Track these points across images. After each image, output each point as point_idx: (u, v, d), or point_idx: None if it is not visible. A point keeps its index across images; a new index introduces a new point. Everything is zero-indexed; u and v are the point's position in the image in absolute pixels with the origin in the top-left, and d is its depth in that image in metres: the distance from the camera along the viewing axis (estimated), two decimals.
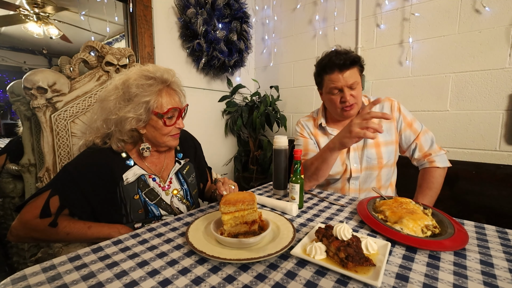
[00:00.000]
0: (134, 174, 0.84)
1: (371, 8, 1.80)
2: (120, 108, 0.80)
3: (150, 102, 0.80)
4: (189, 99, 0.98)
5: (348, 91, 1.03)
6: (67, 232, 0.73)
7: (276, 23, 2.36)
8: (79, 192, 0.77)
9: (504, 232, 0.67)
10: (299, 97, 2.28)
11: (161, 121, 0.83)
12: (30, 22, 2.85)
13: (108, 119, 0.81)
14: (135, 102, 0.79)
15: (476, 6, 1.43)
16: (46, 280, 0.47)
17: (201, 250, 0.54)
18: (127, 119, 0.80)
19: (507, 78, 1.38)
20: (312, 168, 1.01)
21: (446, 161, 1.08)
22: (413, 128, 1.10)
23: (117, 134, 0.83)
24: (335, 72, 1.02)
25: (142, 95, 0.79)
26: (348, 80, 1.01)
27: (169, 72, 0.86)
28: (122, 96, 0.80)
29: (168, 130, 0.86)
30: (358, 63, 1.03)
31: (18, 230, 0.72)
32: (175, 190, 0.91)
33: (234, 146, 2.51)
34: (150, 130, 0.85)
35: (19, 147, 1.10)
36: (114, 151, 0.85)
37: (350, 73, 1.01)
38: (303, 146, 1.16)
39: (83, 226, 0.75)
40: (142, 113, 0.80)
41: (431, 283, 0.46)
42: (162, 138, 0.86)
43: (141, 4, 1.69)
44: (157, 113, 0.82)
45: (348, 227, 0.55)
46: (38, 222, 0.71)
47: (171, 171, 0.94)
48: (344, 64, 1.00)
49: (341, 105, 1.06)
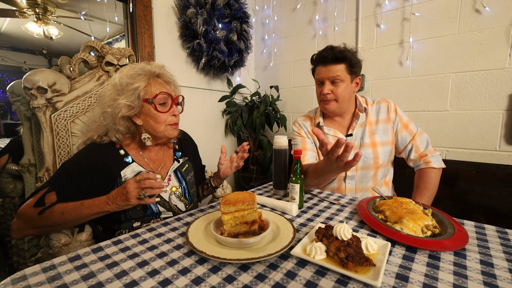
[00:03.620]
0: (132, 170, 0.85)
1: (371, 8, 1.80)
2: (114, 99, 0.83)
3: (139, 88, 0.83)
4: (189, 99, 0.98)
5: (328, 84, 1.07)
6: (61, 211, 0.73)
7: (276, 23, 2.36)
8: (76, 188, 0.78)
9: (504, 232, 0.67)
10: (299, 97, 2.28)
11: (152, 107, 0.85)
12: (30, 22, 2.85)
13: (105, 112, 0.85)
14: (126, 91, 0.83)
15: (476, 6, 1.43)
16: (46, 280, 0.47)
17: (201, 250, 0.54)
18: (119, 106, 0.82)
19: (507, 78, 1.38)
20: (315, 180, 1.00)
21: (441, 162, 1.10)
22: (409, 129, 1.11)
23: (113, 126, 0.85)
24: (320, 65, 1.08)
25: (131, 83, 0.83)
26: (329, 73, 1.05)
27: (158, 66, 0.89)
28: (116, 90, 0.84)
29: (163, 118, 0.87)
30: (343, 61, 1.04)
31: (16, 224, 0.75)
32: (174, 187, 0.93)
33: (234, 146, 2.51)
34: (145, 119, 0.87)
35: (20, 147, 1.10)
36: (112, 148, 0.86)
37: (333, 68, 1.05)
38: (301, 145, 1.16)
39: (75, 203, 0.76)
40: (133, 100, 0.83)
41: (431, 283, 0.46)
42: (159, 127, 0.87)
43: (141, 4, 1.69)
44: (147, 99, 0.84)
45: (348, 227, 0.55)
46: (32, 210, 0.73)
47: (170, 168, 0.95)
48: (327, 58, 1.04)
49: (321, 97, 1.10)
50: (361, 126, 1.13)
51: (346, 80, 1.06)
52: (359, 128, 1.13)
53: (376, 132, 1.11)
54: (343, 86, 1.06)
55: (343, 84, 1.06)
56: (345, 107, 1.12)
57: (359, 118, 1.12)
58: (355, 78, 1.09)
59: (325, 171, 0.89)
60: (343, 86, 1.06)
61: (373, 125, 1.12)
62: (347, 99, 1.09)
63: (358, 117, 1.12)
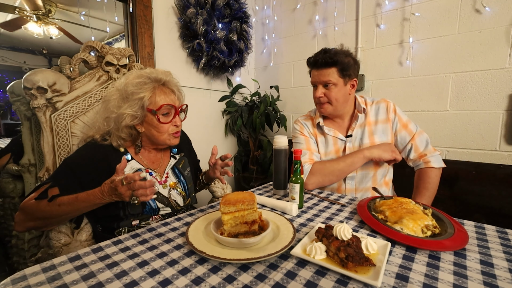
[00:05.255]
0: (131, 168, 0.87)
1: (371, 8, 1.80)
2: (119, 107, 0.84)
3: (144, 98, 0.84)
4: (189, 99, 0.99)
5: (321, 88, 1.09)
6: (58, 204, 0.74)
7: (276, 23, 2.36)
8: (78, 184, 0.80)
9: (504, 232, 0.67)
10: (299, 97, 2.28)
11: (155, 118, 0.86)
12: (30, 22, 2.85)
13: (108, 118, 0.86)
14: (131, 100, 0.84)
15: (476, 6, 1.43)
16: (46, 280, 0.47)
17: (201, 250, 0.54)
18: (123, 116, 0.83)
19: (507, 78, 1.38)
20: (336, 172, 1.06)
21: (441, 161, 1.09)
22: (409, 129, 1.11)
23: (116, 132, 0.86)
24: (313, 69, 1.10)
25: (137, 92, 0.83)
26: (321, 78, 1.07)
27: (164, 73, 0.90)
28: (121, 96, 0.85)
29: (164, 128, 0.88)
30: (334, 65, 1.04)
31: (18, 216, 0.76)
32: (172, 183, 0.95)
33: (234, 146, 2.51)
34: (147, 128, 0.89)
35: (20, 146, 1.11)
36: (112, 147, 0.88)
37: (325, 72, 1.06)
38: (305, 145, 1.16)
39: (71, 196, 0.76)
40: (137, 110, 0.84)
41: (431, 283, 0.46)
42: (161, 137, 0.89)
43: (141, 4, 1.69)
44: (150, 109, 0.85)
45: (348, 227, 0.55)
46: (33, 203, 0.74)
47: (167, 166, 0.98)
48: (318, 63, 1.07)
49: (315, 101, 1.13)
50: (360, 127, 1.13)
51: (339, 84, 1.06)
52: (359, 129, 1.13)
53: (375, 133, 1.11)
54: (336, 90, 1.07)
55: (335, 88, 1.07)
56: (341, 109, 1.12)
57: (358, 119, 1.12)
58: (349, 81, 1.08)
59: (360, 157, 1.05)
60: (336, 89, 1.07)
61: (372, 125, 1.12)
62: (341, 102, 1.09)
63: (357, 118, 1.12)
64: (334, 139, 1.15)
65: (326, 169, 1.06)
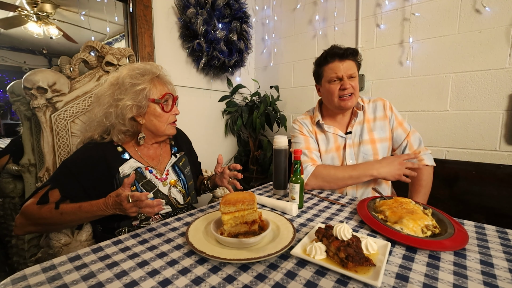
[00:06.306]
0: (130, 166, 0.87)
1: (371, 8, 1.80)
2: (119, 99, 0.84)
3: (146, 89, 0.85)
4: (189, 99, 0.99)
5: (348, 80, 1.07)
6: (60, 212, 0.74)
7: (276, 23, 2.36)
8: (78, 184, 0.80)
9: (504, 232, 0.67)
10: (299, 97, 2.28)
11: (159, 107, 0.88)
12: (30, 22, 2.85)
13: (108, 113, 0.85)
14: (132, 91, 0.84)
15: (476, 6, 1.43)
16: (46, 280, 0.47)
17: (201, 250, 0.54)
18: (127, 107, 0.84)
19: (507, 78, 1.38)
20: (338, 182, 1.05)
21: (432, 160, 1.13)
22: (403, 127, 1.14)
23: (119, 126, 0.86)
24: (335, 61, 1.07)
25: (137, 83, 0.84)
26: (348, 70, 1.06)
27: (156, 66, 0.92)
28: (118, 90, 0.85)
29: (166, 117, 0.90)
30: (356, 56, 1.08)
31: (19, 219, 0.76)
32: (172, 180, 0.95)
33: (234, 146, 2.51)
34: (149, 119, 0.89)
35: (20, 147, 1.11)
36: (110, 146, 0.88)
37: (349, 63, 1.06)
38: (305, 144, 1.16)
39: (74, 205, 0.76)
40: (141, 99, 0.84)
41: (431, 283, 0.46)
42: (162, 126, 0.90)
43: (141, 4, 1.69)
44: (154, 99, 0.87)
45: (348, 227, 0.55)
46: (35, 208, 0.74)
47: (168, 164, 0.98)
48: (344, 54, 1.05)
49: (340, 93, 1.08)
50: (359, 124, 1.15)
51: (357, 77, 1.09)
52: (358, 126, 1.15)
53: (374, 129, 1.13)
54: (357, 82, 1.09)
55: (357, 81, 1.09)
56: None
57: (357, 116, 1.14)
58: None
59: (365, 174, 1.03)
60: (357, 82, 1.09)
61: (371, 122, 1.15)
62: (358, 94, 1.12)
63: (357, 115, 1.14)
64: (334, 136, 1.15)
65: (329, 176, 1.05)
